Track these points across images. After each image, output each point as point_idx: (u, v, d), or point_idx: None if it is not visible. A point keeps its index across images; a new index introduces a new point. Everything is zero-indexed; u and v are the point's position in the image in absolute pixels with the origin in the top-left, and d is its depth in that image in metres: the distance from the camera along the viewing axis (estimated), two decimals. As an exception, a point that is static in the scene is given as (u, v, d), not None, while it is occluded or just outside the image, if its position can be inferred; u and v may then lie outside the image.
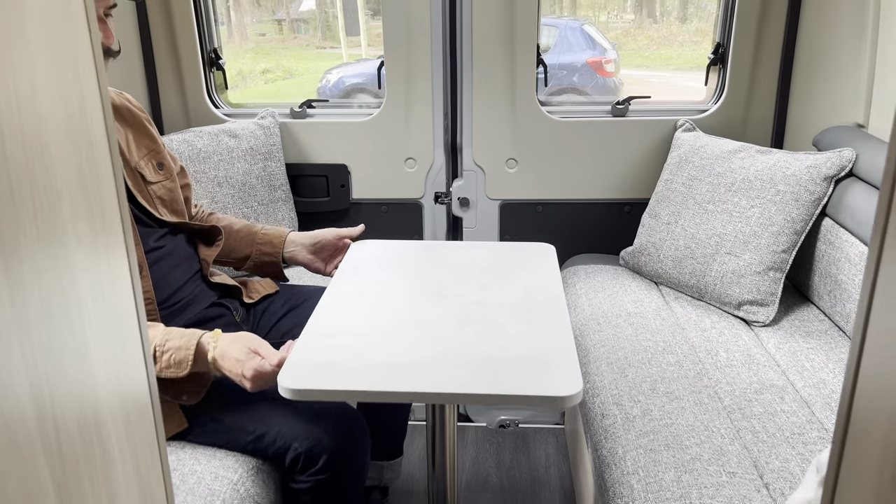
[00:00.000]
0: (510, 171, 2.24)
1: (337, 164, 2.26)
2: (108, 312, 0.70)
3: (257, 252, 1.70)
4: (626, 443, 1.38)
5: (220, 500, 1.22)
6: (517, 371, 1.14)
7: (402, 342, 1.24)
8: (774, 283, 1.80)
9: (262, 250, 1.70)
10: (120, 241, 0.74)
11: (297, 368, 1.16)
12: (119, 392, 0.71)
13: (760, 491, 1.22)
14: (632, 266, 2.14)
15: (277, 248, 1.69)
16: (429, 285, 1.47)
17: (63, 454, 0.59)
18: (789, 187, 1.80)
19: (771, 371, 1.58)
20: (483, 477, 2.22)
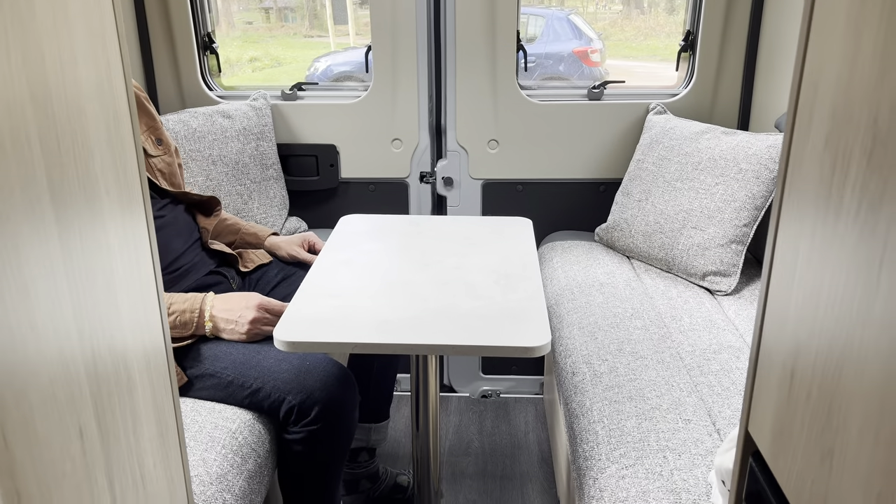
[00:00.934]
0: (492, 151, 2.36)
1: (326, 145, 2.37)
2: (131, 259, 0.81)
3: (241, 241, 1.88)
4: (593, 395, 1.50)
5: (220, 446, 1.33)
6: (493, 325, 1.26)
7: (388, 302, 1.36)
8: (736, 255, 1.93)
9: (246, 240, 1.86)
10: (139, 197, 0.84)
11: (293, 325, 1.28)
12: (139, 329, 0.82)
13: (712, 435, 1.34)
14: (605, 241, 2.26)
15: (261, 240, 1.88)
16: (413, 254, 1.59)
17: (98, 373, 0.70)
18: (751, 166, 1.92)
19: (729, 334, 1.71)
20: (465, 442, 2.34)
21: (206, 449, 1.32)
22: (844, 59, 0.59)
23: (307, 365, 1.47)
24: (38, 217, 0.60)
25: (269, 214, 2.25)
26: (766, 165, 1.91)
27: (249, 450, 1.38)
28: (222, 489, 1.25)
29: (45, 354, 0.60)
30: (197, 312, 1.48)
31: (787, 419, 0.68)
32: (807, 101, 0.66)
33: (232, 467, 1.31)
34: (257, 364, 1.46)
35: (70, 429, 0.64)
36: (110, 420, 0.72)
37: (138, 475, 0.80)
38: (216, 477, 1.27)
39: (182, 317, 1.47)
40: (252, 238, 1.89)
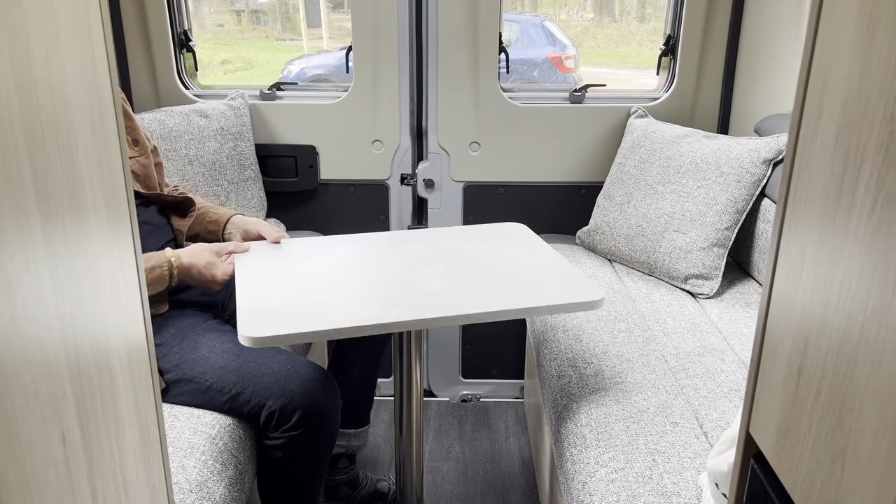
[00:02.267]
0: (473, 154, 2.34)
1: (305, 146, 2.33)
2: (114, 254, 0.77)
3: (204, 230, 1.78)
4: (579, 399, 1.49)
5: (200, 452, 1.30)
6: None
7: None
8: (718, 259, 1.94)
9: (209, 228, 1.78)
10: (122, 192, 0.81)
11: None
12: (123, 329, 0.79)
13: (700, 437, 1.34)
14: (587, 245, 2.26)
15: (220, 226, 1.77)
16: (399, 260, 1.56)
17: (81, 373, 0.67)
18: (732, 169, 1.93)
19: (713, 337, 1.71)
20: (446, 447, 2.32)
21: (186, 455, 1.28)
22: (856, 52, 0.59)
23: (288, 369, 1.43)
24: (22, 209, 0.57)
25: (246, 216, 2.20)
26: (747, 169, 1.92)
27: (230, 456, 1.34)
28: (202, 497, 1.22)
29: (28, 351, 0.57)
30: (166, 266, 1.48)
31: (793, 419, 0.67)
32: (815, 96, 0.66)
33: (212, 474, 1.27)
34: (237, 368, 1.43)
35: (53, 433, 0.60)
36: (93, 424, 0.69)
37: (121, 482, 0.76)
38: (196, 484, 1.23)
39: (152, 273, 1.46)
40: (213, 226, 1.78)
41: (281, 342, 1.22)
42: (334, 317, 1.25)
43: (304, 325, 1.23)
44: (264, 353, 1.46)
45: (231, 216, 1.76)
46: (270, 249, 1.62)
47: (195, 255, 1.53)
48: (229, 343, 1.47)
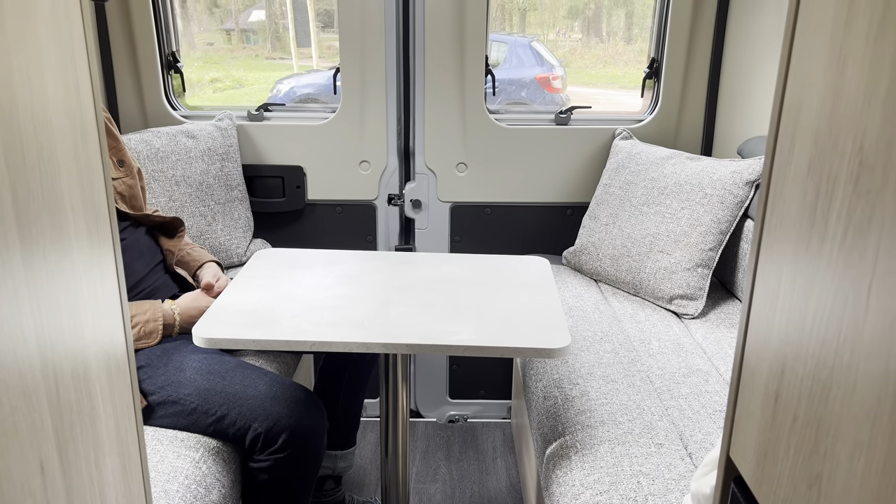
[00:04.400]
0: (460, 174, 2.35)
1: (293, 166, 2.34)
2: (95, 279, 0.77)
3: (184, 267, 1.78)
4: (565, 420, 1.49)
5: (183, 476, 1.28)
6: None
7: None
8: (702, 279, 1.96)
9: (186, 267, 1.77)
10: (105, 215, 0.81)
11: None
12: (104, 354, 0.78)
13: (685, 459, 1.34)
14: (573, 265, 2.27)
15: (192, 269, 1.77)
16: (396, 282, 1.57)
17: (61, 402, 0.67)
18: (716, 191, 1.96)
19: (698, 358, 1.72)
20: (433, 468, 2.31)
21: (168, 480, 1.26)
22: (827, 85, 0.60)
23: (274, 391, 1.43)
24: (1, 233, 0.57)
25: (233, 236, 2.21)
26: (730, 190, 1.94)
27: (213, 480, 1.33)
28: (185, 522, 1.20)
29: (7, 381, 0.56)
30: (160, 320, 1.51)
31: (771, 443, 0.67)
32: (788, 126, 0.67)
33: (195, 499, 1.26)
34: (222, 390, 1.42)
35: (31, 463, 0.60)
36: (72, 452, 0.68)
37: (100, 510, 0.76)
38: (179, 509, 1.22)
39: (146, 327, 1.49)
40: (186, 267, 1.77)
41: (232, 345, 1.28)
42: (297, 329, 1.28)
43: (261, 333, 1.26)
44: (250, 374, 1.46)
45: (206, 261, 1.78)
46: (277, 258, 1.64)
47: (196, 300, 1.59)
48: (215, 365, 1.47)
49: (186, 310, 1.55)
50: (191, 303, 1.57)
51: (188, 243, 1.81)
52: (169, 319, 1.53)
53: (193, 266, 1.75)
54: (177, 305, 1.56)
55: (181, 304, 1.56)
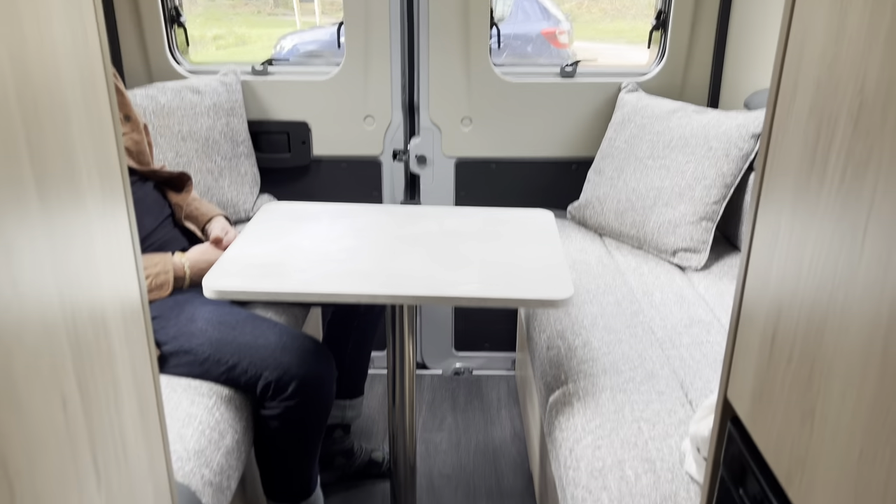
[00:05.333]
0: (465, 129, 2.35)
1: (298, 122, 2.34)
2: (109, 229, 0.79)
3: None
4: (568, 369, 1.52)
5: (198, 422, 1.32)
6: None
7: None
8: (706, 232, 1.97)
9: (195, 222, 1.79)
10: (117, 169, 0.83)
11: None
12: (119, 299, 0.81)
13: (685, 406, 1.37)
14: (578, 220, 2.28)
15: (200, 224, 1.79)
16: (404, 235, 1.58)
17: (80, 342, 0.69)
18: (721, 144, 1.95)
19: (700, 309, 1.75)
20: (439, 418, 2.36)
21: (183, 425, 1.30)
22: (829, 33, 0.60)
23: (283, 341, 1.46)
24: (18, 177, 0.58)
25: (240, 192, 2.22)
26: (735, 144, 1.94)
27: (227, 426, 1.37)
28: (200, 464, 1.25)
29: (28, 316, 0.59)
30: (171, 273, 1.54)
31: (767, 383, 0.70)
32: (790, 72, 0.67)
33: (209, 443, 1.30)
34: (233, 340, 1.45)
35: (53, 399, 0.63)
36: (92, 392, 0.71)
37: (121, 450, 0.79)
38: (194, 453, 1.26)
39: (157, 279, 1.52)
40: (194, 221, 1.79)
41: (242, 297, 1.30)
42: (306, 281, 1.30)
43: (270, 284, 1.29)
44: (260, 325, 1.49)
45: (215, 216, 1.80)
46: (284, 211, 1.67)
47: (205, 252, 1.62)
48: (226, 316, 1.50)
49: (196, 262, 1.58)
50: (200, 256, 1.59)
51: (196, 198, 1.82)
52: (179, 272, 1.56)
53: (202, 220, 1.77)
54: (186, 258, 1.58)
55: (191, 257, 1.59)
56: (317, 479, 1.60)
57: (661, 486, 1.16)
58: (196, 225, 1.76)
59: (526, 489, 2.03)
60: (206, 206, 1.81)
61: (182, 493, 1.17)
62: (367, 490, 2.03)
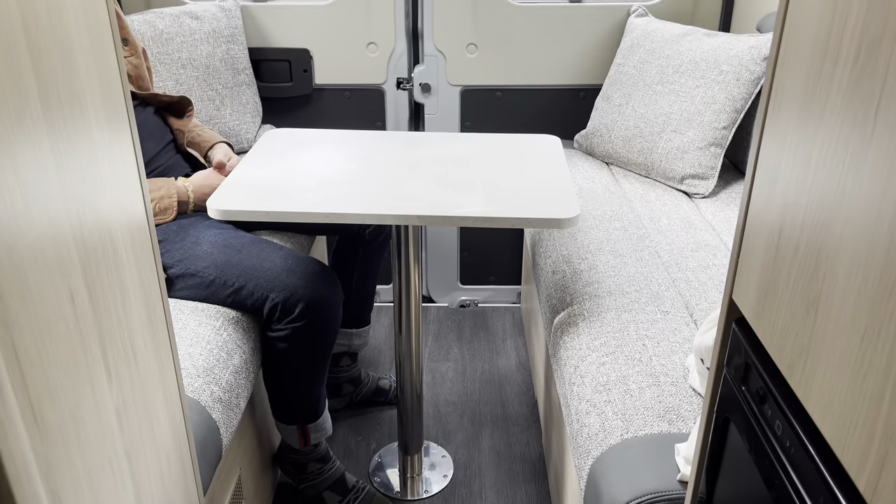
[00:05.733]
0: (470, 56, 2.30)
1: (299, 49, 2.29)
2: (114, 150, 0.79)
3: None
4: (573, 292, 1.52)
5: (205, 342, 1.34)
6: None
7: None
8: (714, 158, 1.94)
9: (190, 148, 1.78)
10: (119, 92, 0.81)
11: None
12: (124, 210, 0.81)
13: (689, 325, 1.38)
14: (585, 148, 2.26)
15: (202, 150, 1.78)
16: (412, 159, 1.57)
17: (86, 241, 0.69)
18: (732, 67, 1.91)
19: (707, 234, 1.74)
20: (445, 349, 2.39)
21: (192, 344, 1.32)
22: None
23: (289, 264, 1.47)
24: (24, 95, 0.59)
25: (241, 121, 2.20)
26: (746, 67, 1.89)
27: (234, 346, 1.39)
28: (209, 381, 1.27)
29: (34, 213, 0.59)
30: (175, 197, 1.54)
31: (773, 277, 0.70)
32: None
33: (218, 362, 1.32)
34: (238, 263, 1.46)
35: (61, 290, 0.63)
36: (100, 291, 0.72)
37: (130, 350, 0.80)
38: (203, 370, 1.28)
39: (161, 203, 1.52)
40: (196, 148, 1.77)
41: (247, 217, 1.30)
42: (310, 202, 1.30)
43: (275, 205, 1.28)
44: (266, 248, 1.49)
45: (217, 142, 1.79)
46: (287, 137, 1.66)
47: (208, 177, 1.60)
48: (231, 239, 1.50)
49: (199, 187, 1.57)
50: (204, 180, 1.58)
51: (197, 125, 1.81)
52: (183, 196, 1.55)
53: (204, 147, 1.76)
54: (190, 183, 1.57)
55: (194, 182, 1.58)
56: (325, 403, 1.63)
57: (664, 398, 1.17)
58: (199, 151, 1.75)
59: (531, 415, 2.06)
60: (209, 133, 1.80)
61: (192, 407, 1.19)
62: (374, 416, 2.07)
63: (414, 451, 1.80)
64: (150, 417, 0.86)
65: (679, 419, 1.13)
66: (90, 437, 0.68)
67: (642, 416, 1.14)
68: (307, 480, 1.68)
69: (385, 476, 1.84)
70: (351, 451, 1.94)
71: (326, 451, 1.69)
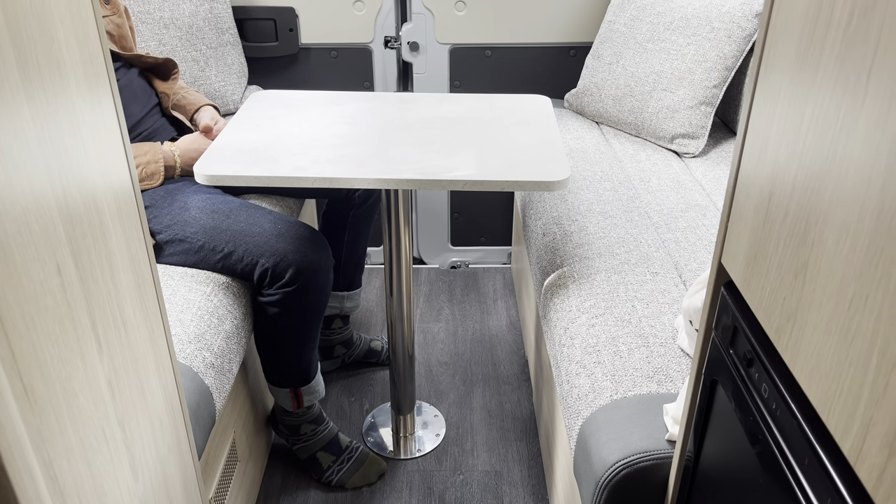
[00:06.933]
0: (459, 13, 2.26)
1: (284, 7, 2.25)
2: (96, 116, 0.77)
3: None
4: (563, 253, 1.53)
5: (196, 307, 1.34)
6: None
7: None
8: (705, 118, 1.93)
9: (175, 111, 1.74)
10: (99, 54, 0.79)
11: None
12: (108, 177, 0.80)
13: (679, 286, 1.39)
14: (575, 108, 2.24)
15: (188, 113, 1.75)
16: (400, 121, 1.55)
17: (71, 212, 0.68)
18: (723, 24, 1.89)
19: (696, 194, 1.74)
20: (436, 309, 2.40)
21: (182, 310, 1.32)
22: None
23: (279, 228, 1.46)
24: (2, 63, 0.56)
25: (227, 82, 2.16)
26: (738, 24, 1.87)
27: (225, 311, 1.39)
28: (201, 347, 1.27)
29: (15, 186, 0.58)
30: (161, 162, 1.53)
31: (762, 242, 0.70)
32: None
33: (209, 328, 1.32)
34: (227, 228, 1.45)
35: (48, 263, 0.62)
36: (87, 261, 0.71)
37: (119, 320, 0.80)
38: (194, 336, 1.28)
39: (147, 168, 1.51)
40: (182, 111, 1.74)
41: (234, 182, 1.28)
42: (299, 166, 1.29)
43: (263, 169, 1.27)
44: (255, 213, 1.48)
45: (203, 105, 1.75)
46: (274, 99, 1.63)
47: (195, 141, 1.58)
48: (219, 204, 1.49)
49: (186, 151, 1.55)
50: (190, 144, 1.56)
51: (183, 87, 1.77)
52: (170, 161, 1.54)
53: (190, 110, 1.73)
54: (176, 147, 1.55)
55: (181, 146, 1.56)
56: (317, 366, 1.64)
57: (653, 359, 1.19)
58: (184, 115, 1.72)
59: (522, 374, 2.09)
60: (194, 96, 1.77)
61: (185, 373, 1.20)
62: (366, 377, 2.08)
63: (406, 410, 1.82)
64: (143, 386, 0.86)
65: (668, 380, 1.14)
66: (82, 408, 0.68)
67: (631, 377, 1.15)
68: (301, 442, 1.70)
69: (378, 436, 1.87)
70: (344, 411, 1.96)
71: (319, 413, 1.71)
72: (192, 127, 1.70)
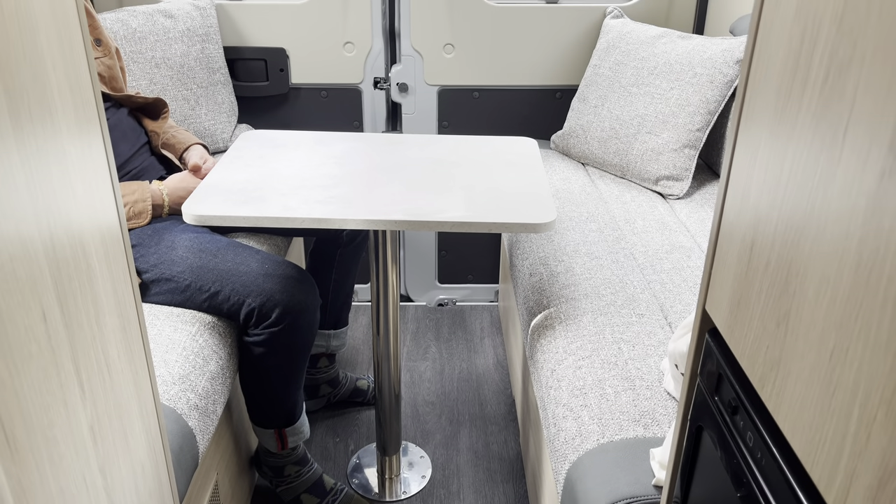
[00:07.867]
0: (448, 56, 2.30)
1: (275, 48, 2.28)
2: (85, 156, 0.77)
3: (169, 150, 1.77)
4: (550, 294, 1.53)
5: (181, 348, 1.33)
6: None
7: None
8: (689, 160, 1.96)
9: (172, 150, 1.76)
10: (90, 95, 0.80)
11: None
12: (97, 220, 0.80)
13: (664, 328, 1.40)
14: (561, 149, 2.27)
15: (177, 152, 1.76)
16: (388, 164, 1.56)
17: (58, 257, 0.68)
18: (705, 70, 1.93)
19: (681, 235, 1.76)
20: (423, 347, 2.39)
21: (167, 351, 1.31)
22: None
23: (266, 268, 1.46)
24: None
25: (217, 121, 2.17)
26: (720, 69, 1.92)
27: (210, 352, 1.38)
28: (185, 388, 1.26)
29: (3, 233, 0.58)
30: (149, 200, 1.52)
31: (745, 290, 0.71)
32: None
33: (194, 368, 1.31)
34: (214, 267, 1.45)
35: (33, 310, 0.62)
36: (72, 306, 0.71)
37: (103, 364, 0.79)
38: (179, 377, 1.27)
39: (135, 207, 1.51)
40: (171, 150, 1.75)
41: (223, 222, 1.29)
42: (288, 206, 1.29)
43: (252, 210, 1.28)
44: (242, 252, 1.48)
45: (193, 144, 1.76)
46: (264, 139, 1.64)
47: (184, 180, 1.58)
48: (207, 243, 1.49)
49: (175, 190, 1.56)
50: (179, 183, 1.57)
51: (173, 125, 1.79)
52: (157, 200, 1.54)
53: (179, 148, 1.74)
54: (165, 186, 1.56)
55: (169, 185, 1.56)
56: (302, 406, 1.63)
57: (640, 402, 1.19)
58: (173, 153, 1.73)
59: (508, 413, 2.08)
60: (184, 135, 1.78)
61: (168, 415, 1.18)
62: (352, 417, 2.07)
63: (392, 451, 1.80)
64: (125, 431, 0.85)
65: (654, 423, 1.14)
66: (63, 455, 0.67)
67: (618, 421, 1.15)
68: (285, 483, 1.68)
69: (363, 477, 1.84)
70: (329, 452, 1.94)
71: (304, 454, 1.69)
72: (181, 166, 1.71)
